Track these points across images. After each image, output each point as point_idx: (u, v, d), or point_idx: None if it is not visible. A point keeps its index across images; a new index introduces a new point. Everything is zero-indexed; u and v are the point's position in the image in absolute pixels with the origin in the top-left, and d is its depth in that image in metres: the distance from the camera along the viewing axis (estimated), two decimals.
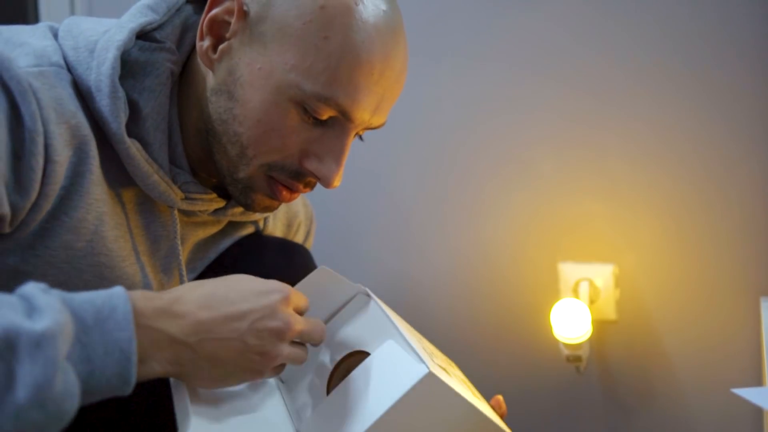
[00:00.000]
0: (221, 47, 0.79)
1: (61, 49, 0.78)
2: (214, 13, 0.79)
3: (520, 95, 1.37)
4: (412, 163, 1.44)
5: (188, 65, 0.84)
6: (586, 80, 1.34)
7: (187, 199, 0.84)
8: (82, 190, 0.76)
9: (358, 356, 0.80)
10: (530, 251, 1.40)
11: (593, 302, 1.36)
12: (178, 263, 0.87)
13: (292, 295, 0.74)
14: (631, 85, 1.32)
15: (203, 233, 0.92)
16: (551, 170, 1.37)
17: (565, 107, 1.35)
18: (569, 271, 1.38)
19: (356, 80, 0.77)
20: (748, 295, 1.31)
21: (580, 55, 1.33)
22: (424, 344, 0.82)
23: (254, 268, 0.83)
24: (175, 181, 0.82)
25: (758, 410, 1.26)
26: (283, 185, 0.82)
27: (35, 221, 0.74)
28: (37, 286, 0.62)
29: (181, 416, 0.72)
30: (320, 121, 0.79)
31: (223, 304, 0.70)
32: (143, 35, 0.81)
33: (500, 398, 0.88)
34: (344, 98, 0.77)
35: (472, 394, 0.82)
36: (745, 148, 1.29)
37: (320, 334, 0.77)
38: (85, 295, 0.63)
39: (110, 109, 0.76)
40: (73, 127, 0.74)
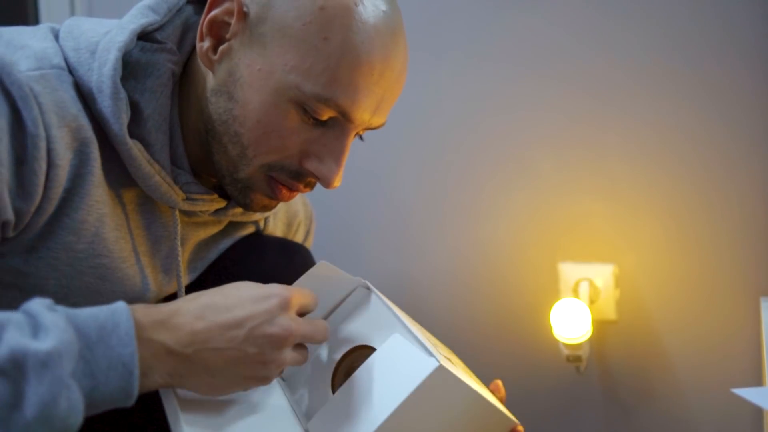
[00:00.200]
0: (221, 48, 0.79)
1: (62, 50, 0.78)
2: (213, 14, 0.79)
3: (520, 95, 1.37)
4: (411, 162, 1.44)
5: (189, 66, 0.84)
6: (586, 80, 1.34)
7: (188, 199, 0.84)
8: (83, 191, 0.76)
9: (361, 351, 0.79)
10: (530, 251, 1.40)
11: (593, 302, 1.36)
12: (177, 264, 0.87)
13: (293, 297, 0.74)
14: (631, 85, 1.32)
15: (204, 233, 0.92)
16: (551, 170, 1.37)
17: (565, 107, 1.35)
18: (569, 271, 1.38)
19: (356, 81, 0.77)
20: (748, 295, 1.31)
21: (580, 54, 1.33)
22: (427, 335, 0.82)
23: (254, 268, 0.83)
24: (176, 181, 0.82)
25: (758, 410, 1.26)
26: (283, 185, 0.82)
27: (38, 224, 0.74)
28: (42, 302, 0.63)
29: (174, 427, 0.71)
30: (320, 121, 0.79)
31: (219, 313, 0.70)
32: (144, 36, 0.81)
33: (499, 382, 0.89)
34: (344, 99, 0.77)
35: (474, 381, 0.82)
36: (745, 148, 1.29)
37: (322, 335, 0.77)
38: (88, 311, 0.64)
39: (112, 110, 0.76)
40: (74, 129, 0.74)
